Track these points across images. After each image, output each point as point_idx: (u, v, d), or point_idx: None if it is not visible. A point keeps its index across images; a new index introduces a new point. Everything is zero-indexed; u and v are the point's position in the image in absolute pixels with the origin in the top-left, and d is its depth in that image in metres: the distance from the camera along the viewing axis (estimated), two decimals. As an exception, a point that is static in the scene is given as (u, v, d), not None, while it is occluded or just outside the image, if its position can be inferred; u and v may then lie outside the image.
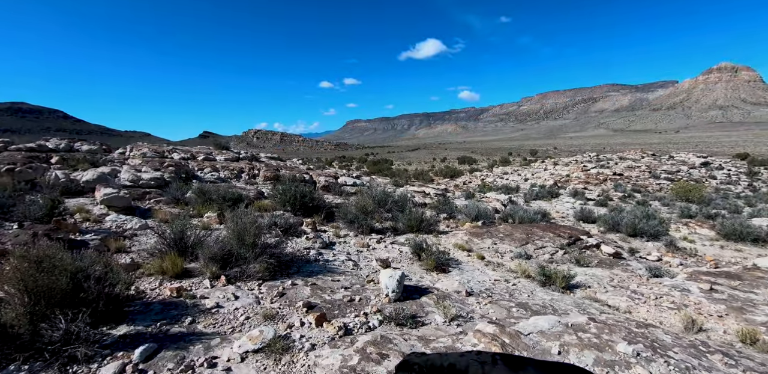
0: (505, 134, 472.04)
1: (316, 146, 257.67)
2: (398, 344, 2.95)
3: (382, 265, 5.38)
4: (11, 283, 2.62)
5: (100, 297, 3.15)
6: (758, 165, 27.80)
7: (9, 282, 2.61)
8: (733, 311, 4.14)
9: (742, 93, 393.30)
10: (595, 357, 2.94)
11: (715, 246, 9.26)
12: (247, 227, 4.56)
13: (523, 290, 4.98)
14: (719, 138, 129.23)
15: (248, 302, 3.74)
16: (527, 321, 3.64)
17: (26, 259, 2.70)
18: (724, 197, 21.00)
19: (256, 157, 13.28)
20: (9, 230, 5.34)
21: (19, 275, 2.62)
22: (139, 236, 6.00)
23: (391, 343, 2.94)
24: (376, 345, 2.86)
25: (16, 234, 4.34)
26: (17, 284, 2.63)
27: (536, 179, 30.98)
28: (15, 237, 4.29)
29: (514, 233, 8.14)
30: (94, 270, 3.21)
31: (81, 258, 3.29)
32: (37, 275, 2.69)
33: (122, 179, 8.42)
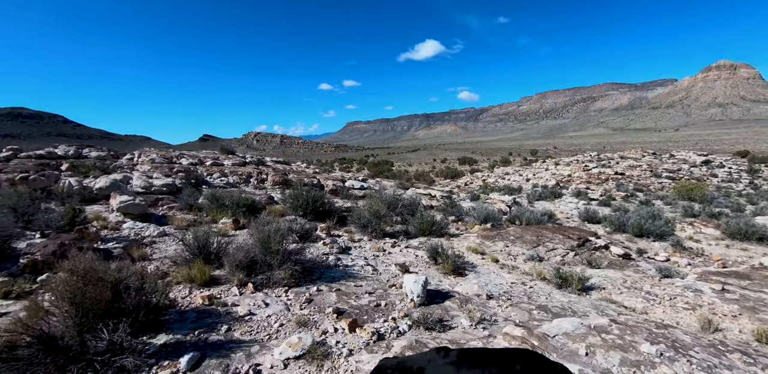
0: (504, 134, 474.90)
1: (316, 148, 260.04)
2: (433, 348, 3.09)
3: (401, 270, 5.52)
4: (63, 297, 2.73)
5: (140, 307, 3.27)
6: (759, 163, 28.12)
7: (61, 295, 2.73)
8: (746, 311, 4.31)
9: (741, 90, 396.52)
10: (621, 358, 3.09)
11: (721, 246, 9.44)
12: (272, 234, 4.68)
13: (541, 292, 5.13)
14: (719, 136, 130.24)
15: (279, 309, 3.87)
16: (551, 324, 3.78)
17: (75, 273, 2.82)
18: (726, 196, 21.26)
19: (262, 161, 13.40)
20: (31, 239, 5.47)
21: (69, 288, 2.74)
22: (158, 243, 6.12)
23: (425, 347, 3.08)
24: (413, 350, 2.99)
25: (44, 244, 4.45)
26: (68, 297, 2.75)
27: (538, 179, 31.21)
28: (44, 248, 4.41)
29: (524, 235, 8.30)
30: (132, 281, 3.34)
31: (119, 269, 3.41)
32: (86, 288, 2.81)
33: (134, 185, 8.53)
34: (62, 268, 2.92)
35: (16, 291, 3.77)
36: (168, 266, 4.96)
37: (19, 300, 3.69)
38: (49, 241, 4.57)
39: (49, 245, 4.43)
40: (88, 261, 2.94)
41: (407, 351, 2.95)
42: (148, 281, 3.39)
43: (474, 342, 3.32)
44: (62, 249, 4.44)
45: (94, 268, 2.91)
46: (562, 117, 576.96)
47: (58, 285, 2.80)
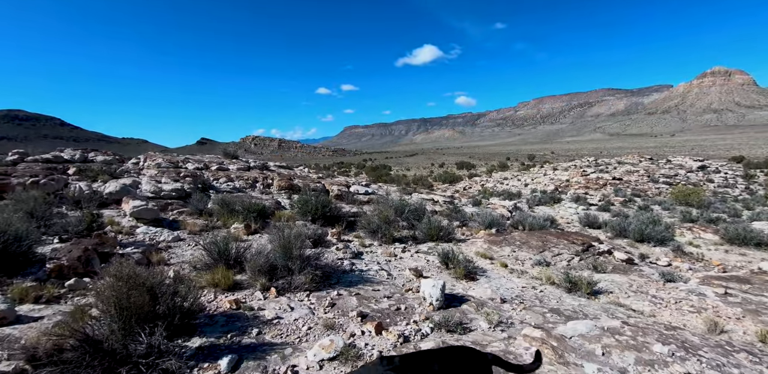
0: (502, 138, 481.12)
1: (314, 152, 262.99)
2: (459, 349, 3.28)
3: (415, 274, 5.71)
4: (110, 301, 2.89)
5: (174, 311, 3.42)
6: (754, 168, 28.84)
7: (107, 300, 2.89)
8: (749, 313, 4.55)
9: (736, 96, 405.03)
10: (636, 357, 3.29)
11: (720, 251, 9.74)
12: (292, 240, 4.86)
13: (551, 296, 5.34)
14: (714, 141, 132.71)
15: (304, 312, 4.03)
16: (566, 326, 3.99)
17: (121, 278, 2.98)
18: (723, 201, 21.75)
19: (266, 166, 13.56)
20: (50, 243, 5.58)
21: (116, 293, 2.89)
22: (174, 248, 6.27)
23: (452, 348, 3.26)
24: None
25: (68, 250, 4.59)
26: (114, 302, 2.90)
27: (536, 184, 31.61)
28: (69, 253, 4.54)
29: (529, 240, 8.53)
30: (168, 286, 3.49)
31: (153, 274, 3.56)
32: (130, 293, 2.96)
33: (144, 190, 8.65)
34: (107, 273, 3.07)
35: (46, 296, 3.90)
36: (188, 271, 5.11)
37: (50, 305, 3.83)
38: (72, 246, 4.70)
39: (74, 251, 4.56)
40: (131, 267, 3.10)
41: None
42: (182, 286, 3.55)
43: (495, 343, 3.52)
44: (86, 254, 4.58)
45: (138, 273, 3.07)
46: (559, 122, 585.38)
47: (104, 289, 2.95)
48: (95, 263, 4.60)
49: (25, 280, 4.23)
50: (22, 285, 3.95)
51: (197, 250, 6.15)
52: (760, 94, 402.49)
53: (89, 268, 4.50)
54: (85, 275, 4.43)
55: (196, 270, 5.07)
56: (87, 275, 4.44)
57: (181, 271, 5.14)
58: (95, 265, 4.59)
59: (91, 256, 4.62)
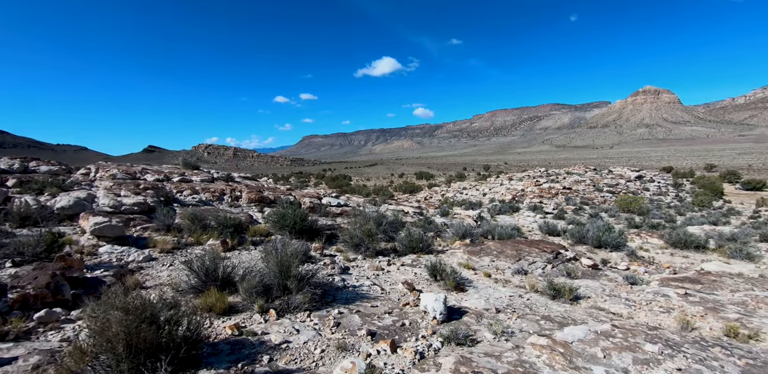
0: (458, 149, 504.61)
1: (272, 161, 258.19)
2: (479, 362, 3.40)
3: (408, 288, 5.78)
4: (117, 338, 2.61)
5: (180, 343, 3.14)
6: (681, 177, 32.90)
7: (115, 337, 2.61)
8: (710, 311, 5.19)
9: (664, 113, 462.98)
10: (633, 357, 3.63)
11: (666, 254, 10.95)
12: (290, 258, 4.73)
13: (538, 304, 5.68)
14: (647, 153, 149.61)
15: (311, 334, 3.93)
16: (563, 332, 4.28)
17: (128, 311, 2.73)
18: (658, 208, 24.47)
19: (231, 177, 12.96)
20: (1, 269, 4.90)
21: (124, 329, 2.63)
22: (147, 269, 5.82)
23: (473, 362, 3.37)
24: (465, 365, 3.27)
25: (33, 276, 4.07)
26: (123, 339, 2.63)
27: (494, 193, 33.27)
28: (34, 280, 4.04)
29: (504, 250, 8.99)
30: (168, 314, 3.24)
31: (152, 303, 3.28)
32: (140, 327, 2.71)
33: (101, 204, 7.89)
34: (112, 305, 2.80)
35: (13, 332, 3.44)
36: (172, 295, 4.74)
37: (19, 342, 3.37)
38: (36, 272, 4.18)
39: (40, 277, 4.06)
40: (141, 298, 2.85)
41: (462, 368, 3.22)
42: (184, 313, 3.31)
43: (507, 353, 3.68)
44: (55, 281, 4.10)
45: (148, 304, 2.83)
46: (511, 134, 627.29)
47: (109, 325, 2.67)
48: (66, 291, 4.13)
49: (-21, 314, 3.68)
50: (-22, 321, 3.44)
51: (174, 271, 5.76)
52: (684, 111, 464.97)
53: (59, 296, 4.03)
54: (54, 304, 3.97)
55: (181, 294, 4.73)
56: (57, 305, 3.98)
57: (164, 295, 4.76)
58: (66, 292, 4.12)
59: (61, 282, 4.14)
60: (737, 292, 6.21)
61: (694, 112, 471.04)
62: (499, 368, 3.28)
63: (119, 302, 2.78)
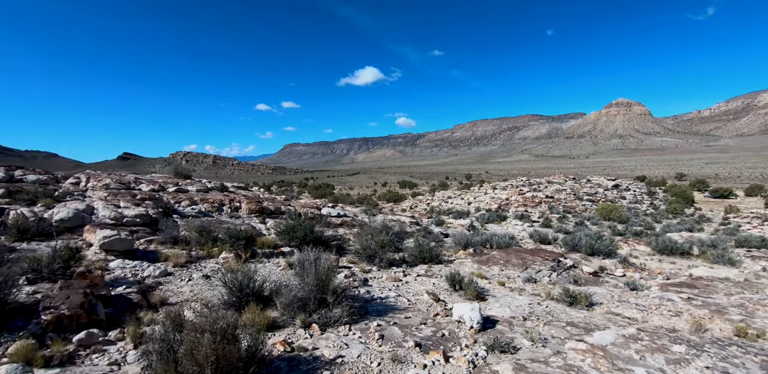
0: (440, 158, 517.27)
1: (252, 169, 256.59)
2: (531, 368, 3.62)
3: (433, 299, 5.97)
4: (207, 361, 2.63)
5: (249, 363, 3.11)
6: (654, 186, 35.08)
7: (206, 360, 2.62)
8: (715, 314, 5.69)
9: (636, 124, 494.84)
10: (665, 358, 3.97)
11: (655, 260, 11.69)
12: (328, 272, 4.82)
13: (557, 311, 6.00)
14: (621, 163, 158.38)
15: (361, 348, 4.03)
16: (593, 337, 4.59)
17: (214, 331, 2.76)
18: (636, 215, 25.92)
19: (225, 187, 12.77)
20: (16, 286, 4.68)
21: (214, 351, 2.65)
22: (165, 284, 5.72)
23: (527, 368, 3.59)
24: (522, 371, 3.49)
25: (66, 296, 3.96)
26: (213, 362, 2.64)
27: (479, 202, 34.12)
28: (66, 299, 3.93)
29: (510, 259, 9.36)
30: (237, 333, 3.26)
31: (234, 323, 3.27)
32: (227, 348, 2.74)
33: (101, 216, 7.65)
34: (194, 326, 2.82)
35: (57, 357, 3.35)
36: (202, 312, 4.70)
37: (65, 367, 3.29)
38: (66, 290, 4.07)
39: (73, 296, 3.96)
40: (224, 317, 2.90)
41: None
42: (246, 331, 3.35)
43: (552, 359, 3.93)
44: (89, 300, 4.01)
45: (232, 324, 2.87)
46: (492, 144, 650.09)
47: (199, 347, 2.67)
48: (99, 310, 4.04)
49: (16, 336, 3.56)
50: (22, 344, 3.33)
51: (195, 286, 5.70)
52: (655, 123, 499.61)
53: (94, 316, 3.94)
54: (89, 325, 3.87)
55: (214, 310, 4.70)
56: (92, 326, 3.89)
57: (195, 312, 4.72)
58: (100, 312, 4.03)
59: (94, 301, 4.05)
60: (732, 295, 6.80)
61: (663, 123, 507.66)
62: (554, 373, 3.52)
63: (203, 322, 2.81)
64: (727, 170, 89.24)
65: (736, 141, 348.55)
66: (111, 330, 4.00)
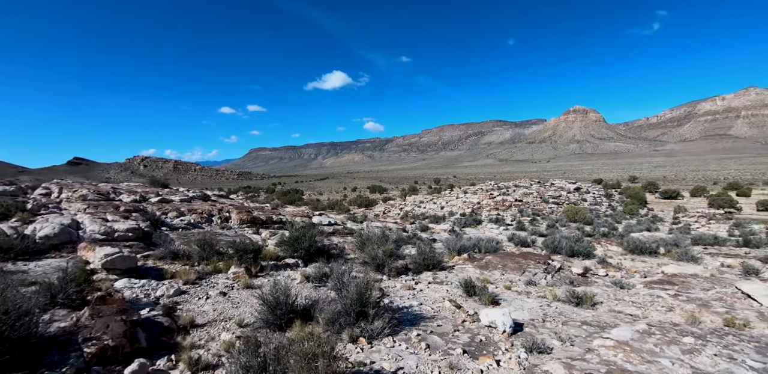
0: (408, 163, 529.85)
1: (216, 175, 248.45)
2: (576, 366, 4.04)
3: (455, 306, 6.30)
4: None
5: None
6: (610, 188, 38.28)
7: None
8: (701, 307, 6.52)
9: (591, 130, 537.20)
10: (679, 349, 4.57)
11: (627, 259, 12.89)
12: (368, 286, 4.99)
13: (567, 311, 6.56)
14: (580, 166, 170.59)
15: (414, 358, 4.26)
16: (611, 334, 5.14)
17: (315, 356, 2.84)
18: (598, 217, 28.13)
19: (207, 196, 12.34)
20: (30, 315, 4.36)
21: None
22: (182, 303, 5.57)
23: (575, 367, 4.00)
24: (574, 369, 3.88)
25: (105, 324, 3.81)
26: None
27: (451, 207, 35.23)
28: (107, 328, 3.78)
29: (506, 263, 9.95)
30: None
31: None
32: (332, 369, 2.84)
33: (89, 231, 7.20)
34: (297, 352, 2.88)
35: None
36: (247, 332, 4.67)
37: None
38: (106, 319, 3.91)
39: (112, 325, 3.82)
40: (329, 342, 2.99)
41: (574, 372, 3.83)
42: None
43: (588, 356, 4.39)
44: (129, 328, 3.89)
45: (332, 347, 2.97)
46: (458, 149, 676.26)
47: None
48: (141, 337, 3.92)
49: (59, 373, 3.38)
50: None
51: (217, 304, 5.62)
52: (608, 129, 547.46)
53: (137, 345, 3.82)
54: (132, 354, 3.75)
55: (254, 329, 4.70)
56: (136, 355, 3.77)
57: (227, 333, 4.68)
58: (141, 339, 3.91)
59: (134, 329, 3.92)
60: (708, 290, 7.78)
61: (616, 130, 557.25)
62: (599, 369, 3.96)
63: (305, 348, 2.89)
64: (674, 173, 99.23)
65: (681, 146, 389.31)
66: (156, 357, 3.90)
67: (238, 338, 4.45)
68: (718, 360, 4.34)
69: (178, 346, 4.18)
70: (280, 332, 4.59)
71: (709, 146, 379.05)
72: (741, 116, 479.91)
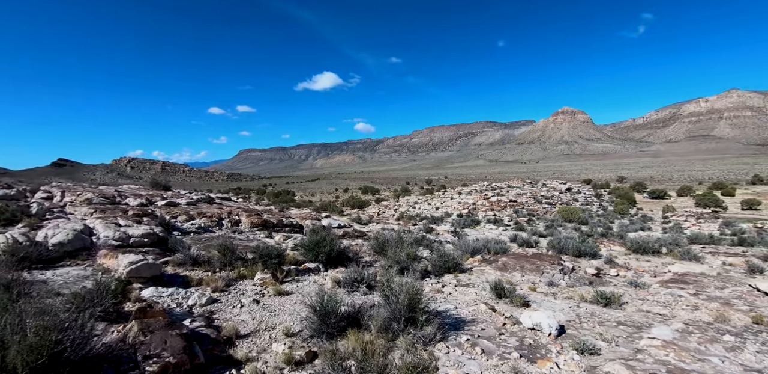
0: (399, 164, 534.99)
1: (206, 176, 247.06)
2: (635, 366, 4.15)
3: (490, 309, 6.37)
4: None
5: None
6: (600, 188, 39.41)
7: None
8: (725, 306, 6.79)
9: (579, 131, 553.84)
10: (723, 347, 4.76)
11: (632, 259, 13.28)
12: (418, 292, 5.00)
13: (598, 311, 6.73)
14: (569, 167, 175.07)
15: (475, 363, 4.30)
16: (650, 332, 5.30)
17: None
18: (591, 217, 28.87)
19: (211, 198, 12.09)
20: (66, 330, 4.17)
21: None
22: (217, 312, 5.45)
23: (635, 367, 4.11)
24: (636, 369, 3.99)
25: (162, 340, 3.70)
26: None
27: (446, 207, 35.52)
28: (164, 344, 3.67)
29: (523, 264, 10.11)
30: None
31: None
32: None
33: (103, 237, 6.97)
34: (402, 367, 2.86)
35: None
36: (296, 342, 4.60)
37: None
38: (160, 334, 3.79)
39: (170, 340, 3.71)
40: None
41: (638, 372, 3.93)
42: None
43: (639, 356, 4.52)
44: (188, 343, 3.78)
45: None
46: (449, 150, 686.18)
47: None
48: (199, 352, 3.83)
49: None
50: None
51: (254, 312, 5.54)
52: (596, 130, 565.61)
53: (196, 360, 3.72)
54: (193, 371, 3.65)
55: (304, 339, 4.64)
56: (196, 371, 3.67)
57: (274, 342, 4.61)
58: (199, 354, 3.81)
59: (191, 343, 3.81)
60: (722, 289, 8.10)
61: (603, 131, 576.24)
62: (659, 369, 4.08)
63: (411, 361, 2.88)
64: (660, 173, 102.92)
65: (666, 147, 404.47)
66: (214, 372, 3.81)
67: (290, 348, 4.39)
68: (761, 356, 4.54)
69: (232, 359, 4.09)
70: (331, 341, 4.55)
71: (694, 146, 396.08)
72: (724, 118, 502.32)
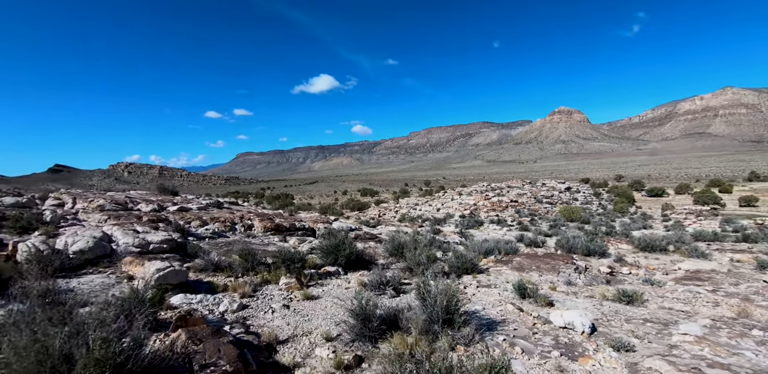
0: (396, 165, 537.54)
1: (203, 180, 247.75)
2: (676, 361, 4.28)
3: (518, 309, 6.47)
4: None
5: None
6: (598, 187, 39.88)
7: None
8: (744, 301, 6.97)
9: (576, 131, 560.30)
10: (753, 341, 4.91)
11: (641, 257, 13.50)
12: (455, 294, 5.10)
13: (621, 309, 6.86)
14: (566, 166, 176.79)
15: (519, 363, 4.39)
16: (679, 329, 5.44)
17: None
18: (591, 216, 29.22)
19: (220, 203, 12.09)
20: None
21: None
22: (250, 319, 5.49)
23: (676, 363, 4.23)
24: (678, 365, 4.11)
25: (215, 348, 3.73)
26: None
27: (447, 208, 35.70)
28: (218, 352, 3.71)
29: (539, 264, 10.25)
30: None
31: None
32: None
33: (122, 244, 6.96)
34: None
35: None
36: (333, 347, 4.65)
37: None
38: (211, 342, 3.83)
39: (223, 348, 3.74)
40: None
41: (680, 367, 4.05)
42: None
43: (675, 352, 4.65)
44: (239, 350, 3.82)
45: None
46: (446, 151, 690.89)
47: None
48: (250, 360, 3.87)
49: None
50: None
51: (287, 317, 5.60)
52: (593, 129, 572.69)
53: (250, 368, 3.76)
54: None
55: (345, 344, 4.70)
56: (253, 377, 3.71)
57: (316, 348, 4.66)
58: (252, 362, 3.85)
59: (242, 351, 3.86)
60: (737, 285, 8.30)
61: (600, 129, 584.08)
62: (699, 363, 4.21)
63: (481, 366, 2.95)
64: (657, 171, 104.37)
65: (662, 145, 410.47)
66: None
67: (334, 352, 4.44)
68: (792, 350, 4.69)
69: (279, 365, 4.14)
70: (374, 344, 4.61)
71: (690, 144, 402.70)
72: (719, 115, 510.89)
